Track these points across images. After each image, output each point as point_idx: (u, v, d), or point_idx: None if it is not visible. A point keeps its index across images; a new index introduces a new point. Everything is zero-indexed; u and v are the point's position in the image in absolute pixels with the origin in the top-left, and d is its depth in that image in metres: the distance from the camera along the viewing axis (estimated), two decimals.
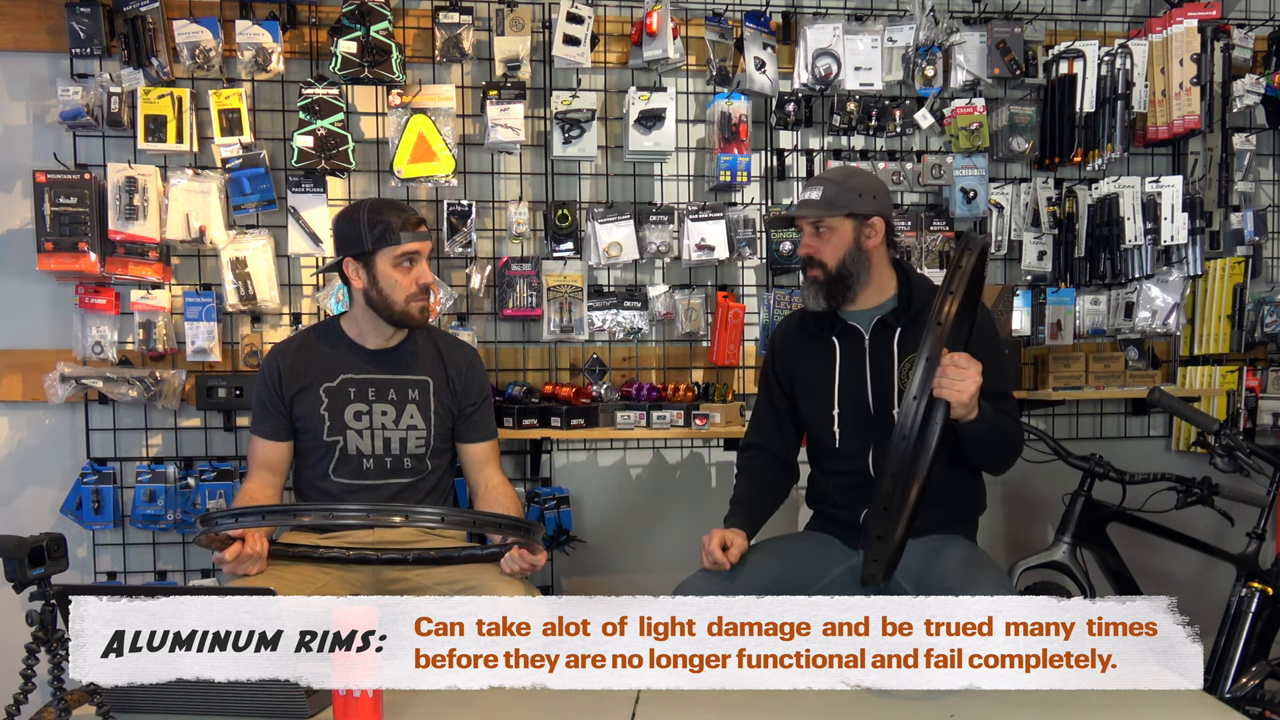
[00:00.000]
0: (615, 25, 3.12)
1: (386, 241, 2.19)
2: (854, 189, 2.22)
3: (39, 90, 2.93)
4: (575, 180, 3.16)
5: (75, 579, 2.81)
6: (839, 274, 2.22)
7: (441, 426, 2.33)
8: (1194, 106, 3.10)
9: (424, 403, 2.30)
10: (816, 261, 2.24)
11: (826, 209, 2.21)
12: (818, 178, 2.32)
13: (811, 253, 2.25)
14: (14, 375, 2.94)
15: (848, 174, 2.32)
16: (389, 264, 2.20)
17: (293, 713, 1.57)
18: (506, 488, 2.36)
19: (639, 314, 3.11)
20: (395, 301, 2.22)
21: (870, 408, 2.22)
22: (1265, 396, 3.32)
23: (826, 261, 2.22)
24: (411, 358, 2.32)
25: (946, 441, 2.02)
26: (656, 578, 3.19)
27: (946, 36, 3.12)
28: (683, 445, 3.26)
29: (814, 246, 2.24)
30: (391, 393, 2.28)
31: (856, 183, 2.24)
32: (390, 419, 2.27)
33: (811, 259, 2.25)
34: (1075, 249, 3.22)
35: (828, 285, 2.23)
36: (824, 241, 2.23)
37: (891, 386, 2.21)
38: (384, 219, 2.19)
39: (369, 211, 2.22)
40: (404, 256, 2.20)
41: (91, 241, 2.79)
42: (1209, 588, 3.29)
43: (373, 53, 2.83)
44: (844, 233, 2.22)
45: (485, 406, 2.39)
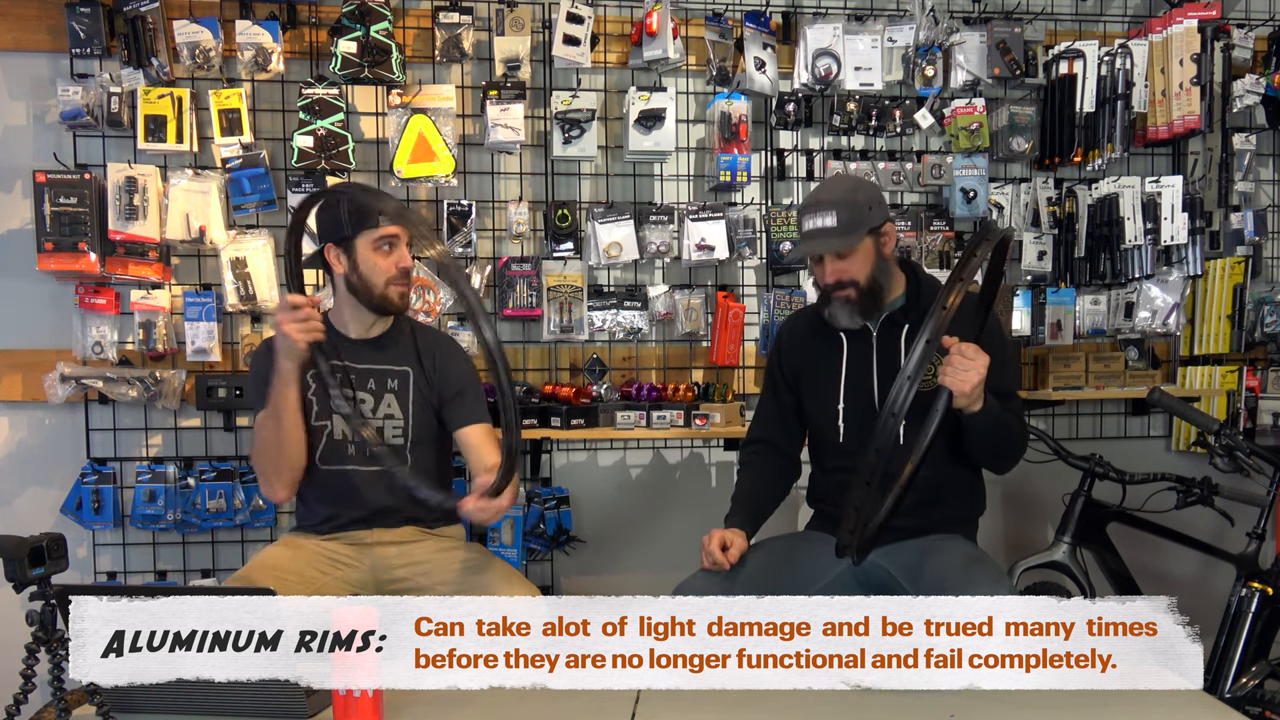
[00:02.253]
0: (615, 25, 3.12)
1: (367, 225, 2.18)
2: (863, 204, 2.17)
3: (39, 90, 2.93)
4: (575, 180, 3.16)
5: (75, 579, 2.82)
6: (870, 288, 2.19)
7: (422, 417, 2.30)
8: (1194, 106, 3.10)
9: (402, 393, 2.29)
10: (847, 282, 2.19)
11: (849, 237, 2.15)
12: (824, 202, 2.18)
13: (840, 276, 2.19)
14: (14, 375, 2.94)
15: (850, 189, 2.24)
16: (368, 247, 2.19)
17: (293, 713, 1.57)
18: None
19: (639, 314, 3.11)
20: (375, 285, 2.20)
21: (876, 405, 2.22)
22: (1265, 396, 3.32)
23: (858, 279, 2.18)
24: (393, 348, 2.31)
25: (946, 429, 2.02)
26: (656, 578, 3.19)
27: (946, 36, 3.12)
28: (683, 445, 3.26)
29: (841, 269, 2.18)
30: (371, 382, 2.28)
31: (862, 197, 2.19)
32: (368, 407, 2.27)
33: (841, 282, 2.19)
34: (1075, 249, 3.22)
35: (861, 301, 2.19)
36: (850, 264, 2.18)
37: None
38: (360, 204, 2.19)
39: (344, 199, 2.22)
40: (383, 240, 2.19)
41: (91, 241, 2.79)
42: (1209, 588, 3.29)
43: (373, 53, 2.83)
44: (867, 249, 2.18)
45: (470, 391, 2.34)
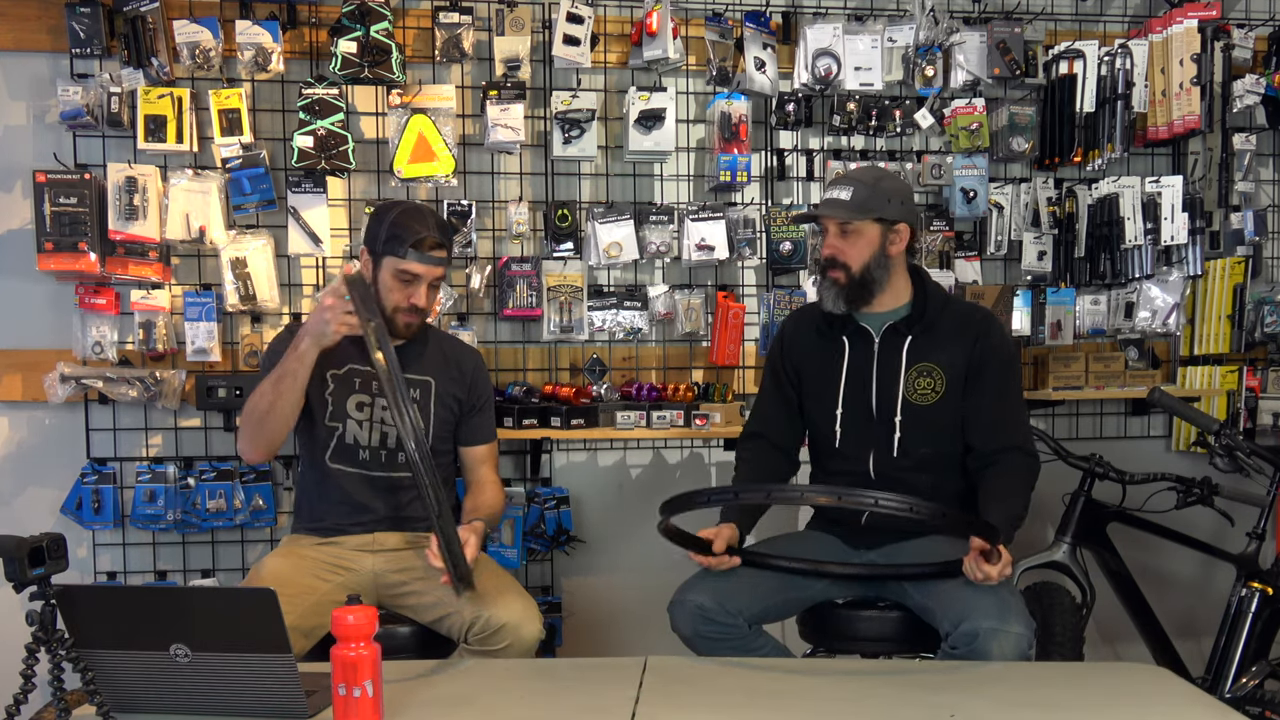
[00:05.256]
0: (615, 25, 3.12)
1: (393, 252, 2.19)
2: (884, 193, 2.18)
3: (39, 90, 2.92)
4: (575, 180, 3.16)
5: (75, 579, 2.81)
6: (861, 278, 2.19)
7: (441, 428, 2.33)
8: (1194, 106, 3.10)
9: (424, 403, 2.31)
10: (840, 263, 2.20)
11: (857, 211, 2.17)
12: (847, 177, 2.24)
13: (835, 254, 2.21)
14: (14, 375, 2.94)
15: (878, 176, 2.26)
16: (389, 273, 2.21)
17: (293, 713, 1.57)
18: (495, 487, 2.37)
19: (639, 314, 3.11)
20: (385, 305, 2.22)
21: (873, 411, 2.23)
22: (1265, 396, 3.32)
23: (850, 264, 2.19)
24: (418, 358, 2.32)
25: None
26: (656, 577, 3.19)
27: (946, 36, 3.12)
28: (683, 445, 3.26)
29: (838, 248, 2.20)
30: None
31: (887, 186, 2.20)
32: (390, 414, 2.28)
33: (835, 260, 2.21)
34: (1075, 249, 3.22)
35: (849, 289, 2.20)
36: (849, 244, 2.19)
37: (896, 394, 2.20)
38: (402, 229, 2.19)
39: (397, 215, 2.22)
40: (404, 274, 2.20)
41: (91, 241, 2.79)
42: (1209, 588, 3.30)
43: (373, 53, 2.83)
44: (870, 236, 2.18)
45: (487, 410, 2.40)
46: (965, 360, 2.20)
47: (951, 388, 2.20)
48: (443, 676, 1.81)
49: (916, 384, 2.21)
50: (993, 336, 2.23)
